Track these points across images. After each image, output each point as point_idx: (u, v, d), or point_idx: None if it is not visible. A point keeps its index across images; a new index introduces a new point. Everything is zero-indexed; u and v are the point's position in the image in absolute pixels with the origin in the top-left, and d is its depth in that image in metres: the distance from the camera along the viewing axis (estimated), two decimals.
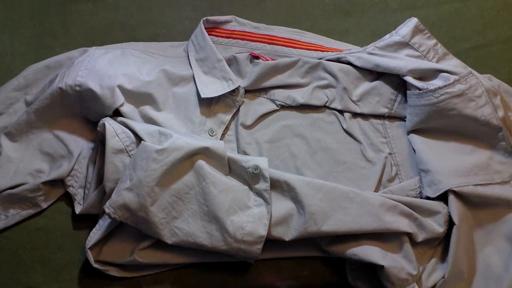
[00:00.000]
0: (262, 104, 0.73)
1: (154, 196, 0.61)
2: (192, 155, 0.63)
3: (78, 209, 0.69)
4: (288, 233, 0.64)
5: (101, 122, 0.66)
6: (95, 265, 0.64)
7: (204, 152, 0.64)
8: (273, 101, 0.73)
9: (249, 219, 0.63)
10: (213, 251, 0.63)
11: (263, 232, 0.62)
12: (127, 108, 0.68)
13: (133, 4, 0.82)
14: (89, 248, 0.64)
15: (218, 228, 0.62)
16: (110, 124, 0.65)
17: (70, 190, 0.70)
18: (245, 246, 0.62)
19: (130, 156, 0.64)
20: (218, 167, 0.65)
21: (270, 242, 0.64)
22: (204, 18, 0.74)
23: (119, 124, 0.66)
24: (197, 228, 0.63)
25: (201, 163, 0.63)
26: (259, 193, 0.65)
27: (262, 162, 0.64)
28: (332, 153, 0.71)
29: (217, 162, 0.65)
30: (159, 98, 0.70)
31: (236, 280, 0.66)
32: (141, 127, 0.65)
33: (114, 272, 0.66)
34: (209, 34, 0.74)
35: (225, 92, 0.69)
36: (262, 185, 0.65)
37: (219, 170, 0.65)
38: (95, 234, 0.64)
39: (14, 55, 0.79)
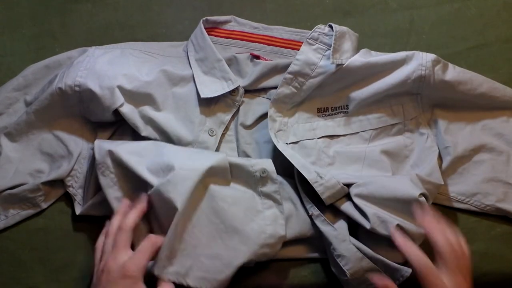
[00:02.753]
0: (262, 104, 0.73)
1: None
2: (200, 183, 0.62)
3: (78, 210, 0.68)
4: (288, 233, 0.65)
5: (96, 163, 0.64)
6: None
7: (208, 172, 0.62)
8: None
9: (266, 222, 0.64)
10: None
11: (282, 232, 0.63)
12: (126, 109, 0.68)
13: (133, 4, 0.82)
14: None
15: (241, 240, 0.62)
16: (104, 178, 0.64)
17: (70, 190, 0.69)
18: (268, 250, 0.62)
19: None
20: (221, 179, 0.65)
21: None
22: (204, 18, 0.74)
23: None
24: (221, 251, 0.61)
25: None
26: (267, 196, 0.65)
27: (268, 165, 0.65)
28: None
29: (219, 176, 0.65)
30: (159, 98, 0.70)
31: (235, 280, 0.66)
32: (143, 167, 0.62)
33: None
34: (208, 34, 0.74)
35: (224, 92, 0.69)
36: (270, 188, 0.65)
37: (221, 180, 0.65)
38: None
39: (14, 55, 0.79)
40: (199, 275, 0.60)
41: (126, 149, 0.64)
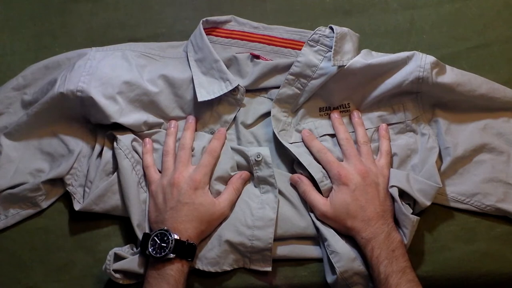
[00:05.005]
0: (262, 104, 0.73)
1: None
2: None
3: (77, 207, 0.68)
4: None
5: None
6: (117, 275, 0.63)
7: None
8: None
9: (258, 205, 0.66)
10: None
11: (272, 215, 0.65)
12: (128, 119, 0.68)
13: (133, 4, 0.82)
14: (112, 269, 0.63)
15: (229, 221, 0.66)
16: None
17: (70, 189, 0.69)
18: (258, 232, 0.64)
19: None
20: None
21: None
22: (204, 19, 0.74)
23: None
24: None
25: None
26: (264, 180, 0.67)
27: (263, 150, 0.68)
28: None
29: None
30: (161, 104, 0.71)
31: (235, 280, 0.66)
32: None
33: (122, 280, 0.64)
34: (209, 34, 0.74)
35: (223, 92, 0.69)
36: (266, 172, 0.67)
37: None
38: (124, 264, 0.63)
39: (14, 55, 0.79)
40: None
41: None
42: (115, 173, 0.68)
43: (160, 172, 0.68)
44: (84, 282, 0.68)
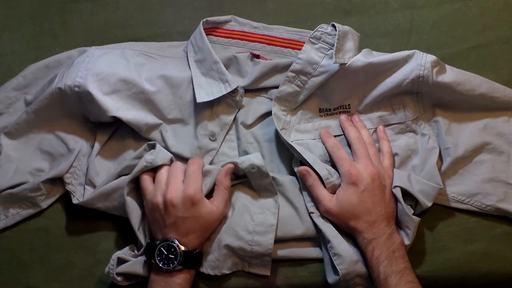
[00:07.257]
0: (262, 104, 0.73)
1: None
2: None
3: (76, 201, 0.67)
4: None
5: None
6: (118, 278, 0.63)
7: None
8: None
9: (259, 210, 0.66)
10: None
11: (273, 220, 0.65)
12: (126, 114, 0.68)
13: (133, 3, 0.82)
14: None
15: (229, 225, 0.66)
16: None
17: (69, 187, 0.69)
18: (258, 237, 0.64)
19: None
20: None
21: None
22: (204, 19, 0.74)
23: None
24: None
25: None
26: (263, 188, 0.67)
27: (256, 159, 0.66)
28: None
29: None
30: (159, 104, 0.70)
31: (235, 280, 0.66)
32: None
33: (122, 282, 0.64)
34: (209, 34, 0.74)
35: (222, 94, 0.69)
36: (264, 181, 0.67)
37: None
38: (127, 267, 0.63)
39: (14, 55, 0.79)
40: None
41: None
42: (124, 177, 0.67)
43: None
44: (84, 282, 0.68)
